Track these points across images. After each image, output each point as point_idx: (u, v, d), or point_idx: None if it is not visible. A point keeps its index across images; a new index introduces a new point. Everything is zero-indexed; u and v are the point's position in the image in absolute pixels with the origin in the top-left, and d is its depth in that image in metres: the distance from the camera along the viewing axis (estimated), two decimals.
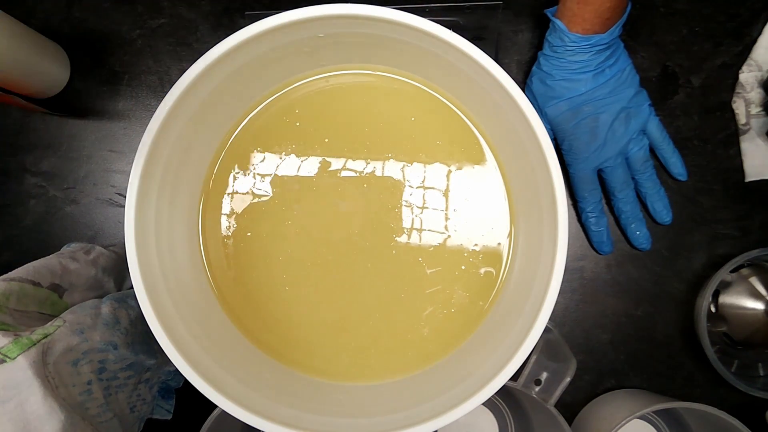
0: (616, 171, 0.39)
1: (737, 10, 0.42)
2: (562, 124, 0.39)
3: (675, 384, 0.44)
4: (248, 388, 0.29)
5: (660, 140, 0.40)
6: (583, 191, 0.40)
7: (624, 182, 0.40)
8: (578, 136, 0.38)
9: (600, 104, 0.38)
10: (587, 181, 0.40)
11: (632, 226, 0.41)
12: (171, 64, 0.45)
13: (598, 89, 0.37)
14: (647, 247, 0.41)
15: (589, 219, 0.41)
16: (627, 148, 0.39)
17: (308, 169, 0.33)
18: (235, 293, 0.33)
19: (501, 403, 0.46)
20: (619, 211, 0.41)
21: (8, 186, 0.45)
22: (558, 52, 0.37)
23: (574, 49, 0.36)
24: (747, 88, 0.42)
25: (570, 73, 0.37)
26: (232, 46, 0.27)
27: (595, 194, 0.40)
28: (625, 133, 0.38)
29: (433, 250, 0.33)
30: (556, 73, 0.37)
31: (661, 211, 0.40)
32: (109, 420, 0.31)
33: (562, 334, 0.44)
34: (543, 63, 0.38)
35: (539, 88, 0.39)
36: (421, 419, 0.26)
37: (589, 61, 0.36)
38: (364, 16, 0.27)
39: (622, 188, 0.40)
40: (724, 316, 0.44)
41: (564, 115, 0.38)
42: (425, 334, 0.33)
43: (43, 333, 0.28)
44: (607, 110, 0.38)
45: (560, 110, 0.38)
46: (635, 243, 0.41)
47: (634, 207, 0.40)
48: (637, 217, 0.41)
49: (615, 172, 0.39)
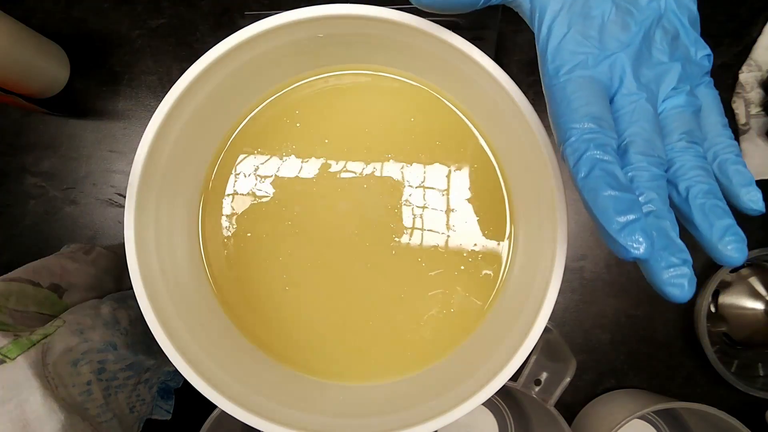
0: (643, 107, 0.20)
1: (737, 10, 0.42)
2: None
3: (675, 384, 0.44)
4: (248, 388, 0.29)
5: (713, 126, 0.22)
6: (573, 117, 0.19)
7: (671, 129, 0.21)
8: (578, 15, 0.21)
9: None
10: (587, 96, 0.19)
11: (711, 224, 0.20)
12: (171, 64, 0.45)
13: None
14: (743, 259, 0.20)
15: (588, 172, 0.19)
16: (660, 89, 0.21)
17: (308, 170, 0.33)
18: (235, 293, 0.33)
19: (501, 403, 0.46)
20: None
21: (8, 186, 0.45)
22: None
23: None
24: (747, 88, 0.42)
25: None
26: (232, 46, 0.27)
27: (605, 128, 0.19)
28: (662, 54, 0.21)
29: (433, 250, 0.33)
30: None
31: (728, 241, 0.20)
32: (108, 420, 0.31)
33: (562, 334, 0.43)
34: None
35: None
36: (421, 419, 0.26)
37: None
38: (364, 16, 0.27)
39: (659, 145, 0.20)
40: (723, 316, 0.44)
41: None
42: (425, 335, 0.33)
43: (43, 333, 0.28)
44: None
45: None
46: (726, 261, 0.20)
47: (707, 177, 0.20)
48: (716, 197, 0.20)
49: (641, 109, 0.20)
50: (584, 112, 0.19)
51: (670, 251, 0.18)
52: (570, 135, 0.19)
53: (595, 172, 0.18)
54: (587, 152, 0.18)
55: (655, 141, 0.19)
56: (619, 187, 0.17)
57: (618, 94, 0.20)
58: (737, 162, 0.21)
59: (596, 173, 0.18)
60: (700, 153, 0.20)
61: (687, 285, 0.18)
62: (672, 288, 0.18)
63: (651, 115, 0.20)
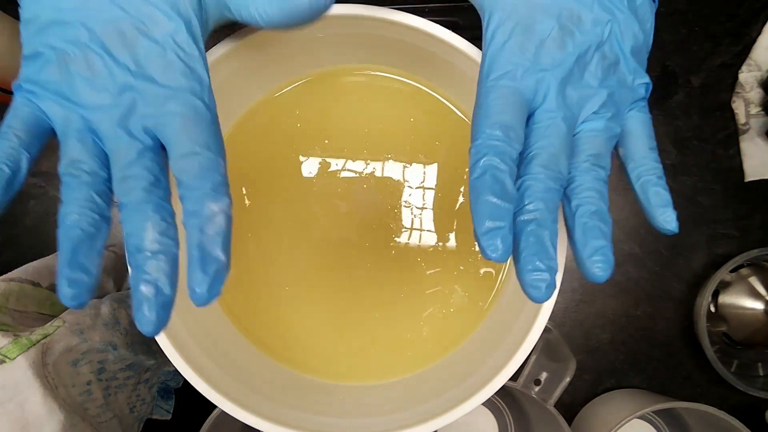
0: (557, 125, 0.21)
1: (736, 10, 0.42)
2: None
3: (675, 384, 0.44)
4: (248, 389, 0.29)
5: (640, 149, 0.22)
6: (485, 122, 0.20)
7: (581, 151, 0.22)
8: (514, 24, 0.21)
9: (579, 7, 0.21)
10: (504, 105, 0.20)
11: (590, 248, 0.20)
12: None
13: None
14: (605, 278, 0.21)
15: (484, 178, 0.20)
16: (581, 111, 0.22)
17: (308, 170, 0.33)
18: (235, 293, 0.33)
19: (501, 403, 0.46)
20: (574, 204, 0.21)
21: None
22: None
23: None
24: (746, 87, 0.42)
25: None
26: (232, 46, 0.27)
27: (511, 138, 0.20)
28: (593, 78, 0.21)
29: (432, 250, 0.33)
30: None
31: (595, 260, 0.20)
32: (108, 420, 0.31)
33: (562, 334, 0.44)
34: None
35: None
36: (421, 419, 0.26)
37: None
38: (363, 16, 0.27)
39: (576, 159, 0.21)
40: (723, 316, 0.44)
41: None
42: (425, 334, 0.33)
43: (43, 333, 0.28)
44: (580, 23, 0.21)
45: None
46: (590, 276, 0.21)
47: (600, 201, 0.21)
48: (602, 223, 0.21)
49: (555, 126, 0.21)
50: (496, 119, 0.20)
51: (539, 257, 0.19)
52: (478, 137, 0.20)
53: (486, 176, 0.19)
54: (485, 157, 0.20)
55: (560, 157, 0.21)
56: (501, 195, 0.19)
57: (539, 109, 0.21)
58: (657, 184, 0.22)
59: (486, 178, 0.19)
60: (601, 177, 0.21)
61: (544, 288, 0.19)
62: (531, 289, 0.19)
63: (563, 134, 0.21)
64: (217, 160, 0.20)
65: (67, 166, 0.20)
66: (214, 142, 0.20)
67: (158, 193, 0.20)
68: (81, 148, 0.20)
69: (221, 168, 0.20)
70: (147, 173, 0.20)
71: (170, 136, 0.20)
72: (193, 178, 0.19)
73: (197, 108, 0.20)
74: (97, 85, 0.20)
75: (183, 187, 0.20)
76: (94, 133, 0.20)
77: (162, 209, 0.20)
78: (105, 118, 0.20)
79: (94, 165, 0.20)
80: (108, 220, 0.20)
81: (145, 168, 0.20)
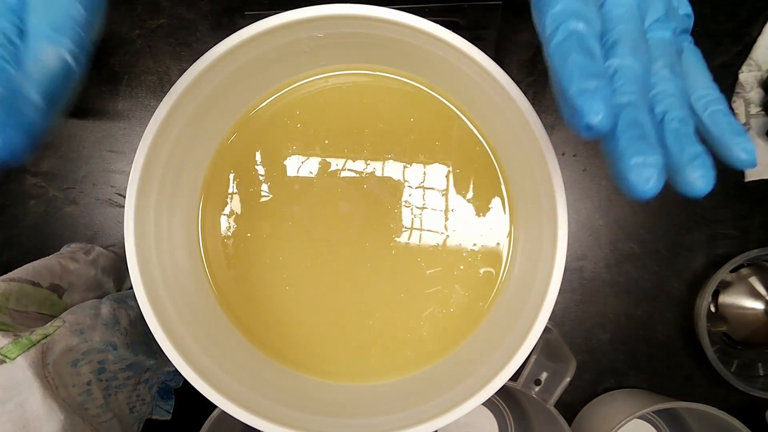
0: (632, 13, 0.19)
1: (737, 10, 0.42)
2: None
3: (675, 384, 0.44)
4: (248, 388, 0.29)
5: (702, 80, 0.21)
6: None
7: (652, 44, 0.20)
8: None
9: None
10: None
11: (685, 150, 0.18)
12: (171, 65, 0.45)
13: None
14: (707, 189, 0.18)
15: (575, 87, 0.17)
16: (648, 10, 0.20)
17: (308, 170, 0.33)
18: (235, 293, 0.33)
19: (501, 403, 0.46)
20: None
21: (8, 186, 0.45)
22: None
23: None
24: (747, 87, 0.42)
25: None
26: (232, 46, 0.27)
27: (590, 6, 0.18)
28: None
29: (432, 250, 0.33)
30: None
31: (696, 166, 0.18)
32: (108, 420, 0.31)
33: (562, 334, 0.43)
34: None
35: None
36: (421, 419, 0.26)
37: None
38: (363, 16, 0.27)
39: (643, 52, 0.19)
40: (723, 316, 0.44)
41: None
42: (425, 334, 0.33)
43: (43, 333, 0.28)
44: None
45: None
46: (689, 188, 0.18)
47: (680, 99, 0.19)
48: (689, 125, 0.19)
49: (631, 14, 0.19)
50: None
51: (646, 141, 0.16)
52: (554, 5, 0.18)
53: (571, 39, 0.17)
54: (568, 21, 0.17)
55: (642, 46, 0.18)
56: (591, 56, 0.17)
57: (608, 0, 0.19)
58: (728, 114, 0.20)
59: (572, 40, 0.17)
60: (680, 86, 0.19)
61: (654, 179, 0.16)
62: (637, 178, 0.16)
63: (639, 23, 0.19)
64: (73, 3, 0.17)
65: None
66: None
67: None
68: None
69: (75, 13, 0.17)
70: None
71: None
72: (36, 15, 0.17)
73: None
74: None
75: (25, 32, 0.17)
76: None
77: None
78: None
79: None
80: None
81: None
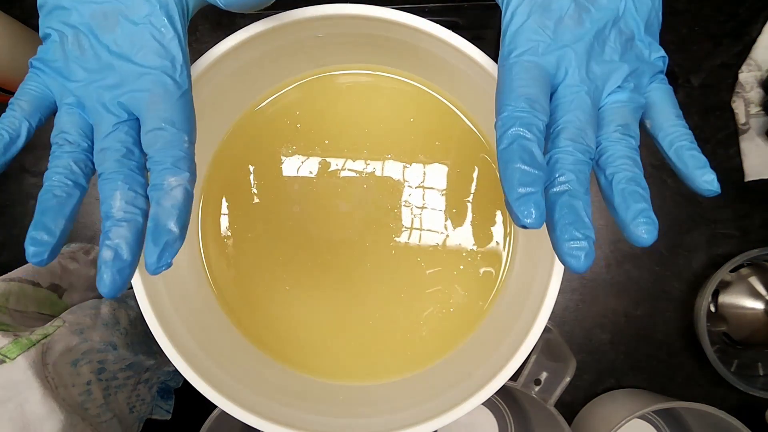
0: (581, 98, 0.21)
1: (736, 10, 0.42)
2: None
3: (675, 384, 0.44)
4: (248, 388, 0.29)
5: (668, 118, 0.22)
6: (510, 95, 0.21)
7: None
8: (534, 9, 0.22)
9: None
10: (527, 79, 0.21)
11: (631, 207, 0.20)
12: None
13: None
14: (651, 241, 0.20)
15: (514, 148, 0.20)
16: (606, 85, 0.22)
17: (308, 170, 0.33)
18: (234, 293, 0.33)
19: (501, 403, 0.46)
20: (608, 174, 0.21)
21: (8, 186, 0.45)
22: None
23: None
24: (746, 87, 0.42)
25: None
26: (232, 45, 0.27)
27: (536, 110, 0.20)
28: (614, 52, 0.22)
29: (432, 250, 0.33)
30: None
31: (640, 223, 0.20)
32: (108, 420, 0.31)
33: (562, 333, 0.44)
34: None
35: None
36: (421, 419, 0.26)
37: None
38: (363, 16, 0.27)
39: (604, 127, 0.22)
40: (723, 316, 0.44)
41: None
42: (425, 334, 0.33)
43: (43, 333, 0.28)
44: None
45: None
46: (636, 240, 0.20)
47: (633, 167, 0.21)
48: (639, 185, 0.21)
49: (579, 100, 0.21)
50: (521, 92, 0.20)
51: (575, 226, 0.19)
52: (503, 110, 0.21)
53: (513, 146, 0.20)
54: (512, 128, 0.20)
55: (587, 130, 0.21)
56: (529, 163, 0.19)
57: (561, 85, 0.21)
58: (692, 148, 0.22)
59: (514, 147, 0.20)
60: (631, 145, 0.21)
61: (584, 257, 0.19)
62: (570, 258, 0.19)
63: (588, 107, 0.21)
64: (181, 136, 0.21)
65: (55, 136, 0.22)
66: (179, 118, 0.21)
67: (129, 164, 0.21)
68: (68, 120, 0.22)
69: (184, 144, 0.21)
70: (119, 145, 0.21)
71: (140, 112, 0.21)
72: (156, 152, 0.21)
73: (166, 85, 0.21)
74: (85, 63, 0.22)
75: (149, 161, 0.21)
76: (81, 107, 0.22)
77: (131, 179, 0.21)
78: (88, 93, 0.22)
79: (77, 136, 0.22)
80: (82, 188, 0.22)
81: (119, 140, 0.21)
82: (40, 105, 0.23)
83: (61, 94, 0.22)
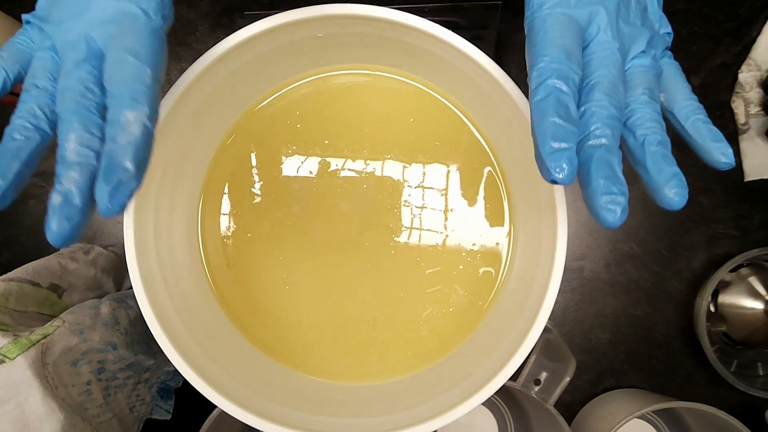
0: (614, 55, 0.21)
1: (736, 10, 0.42)
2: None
3: (675, 384, 0.44)
4: (247, 388, 0.29)
5: (681, 91, 0.23)
6: (546, 45, 0.20)
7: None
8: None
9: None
10: (563, 30, 0.21)
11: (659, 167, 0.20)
12: (170, 64, 0.44)
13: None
14: (682, 204, 0.20)
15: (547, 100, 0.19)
16: (631, 47, 0.22)
17: (308, 169, 0.33)
18: (234, 293, 0.33)
19: (500, 403, 0.46)
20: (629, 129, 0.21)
21: None
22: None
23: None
24: (746, 87, 0.42)
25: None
26: (232, 46, 0.27)
27: (572, 62, 0.20)
28: (636, 18, 0.22)
29: (432, 249, 0.33)
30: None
31: (673, 185, 0.20)
32: (108, 420, 0.31)
33: (562, 333, 0.44)
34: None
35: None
36: (421, 419, 0.26)
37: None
38: (363, 16, 0.27)
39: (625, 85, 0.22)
40: (723, 316, 0.44)
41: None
42: (424, 334, 0.33)
43: (43, 333, 0.28)
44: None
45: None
46: (667, 203, 0.20)
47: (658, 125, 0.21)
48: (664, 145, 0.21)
49: (612, 57, 0.21)
50: (557, 43, 0.20)
51: (612, 181, 0.19)
52: (539, 61, 0.20)
53: (549, 98, 0.19)
54: (549, 79, 0.20)
55: (619, 87, 0.21)
56: (565, 117, 0.19)
57: (594, 41, 0.21)
58: (708, 122, 0.22)
59: (550, 100, 0.19)
60: (658, 110, 0.22)
61: (620, 212, 0.19)
62: (607, 213, 0.19)
63: (619, 64, 0.21)
64: (143, 69, 0.19)
65: (26, 82, 0.21)
66: (145, 51, 0.20)
67: (86, 104, 0.19)
68: (39, 65, 0.21)
69: (146, 77, 0.19)
70: (79, 84, 0.20)
71: (104, 43, 0.20)
72: (114, 85, 0.19)
73: (136, 17, 0.20)
74: (63, 4, 0.21)
75: (107, 97, 0.19)
76: (54, 50, 0.21)
77: (87, 120, 0.19)
78: (61, 32, 0.21)
79: (45, 80, 0.21)
80: (43, 133, 0.20)
81: (79, 79, 0.20)
82: (20, 57, 0.22)
83: (40, 41, 0.21)
